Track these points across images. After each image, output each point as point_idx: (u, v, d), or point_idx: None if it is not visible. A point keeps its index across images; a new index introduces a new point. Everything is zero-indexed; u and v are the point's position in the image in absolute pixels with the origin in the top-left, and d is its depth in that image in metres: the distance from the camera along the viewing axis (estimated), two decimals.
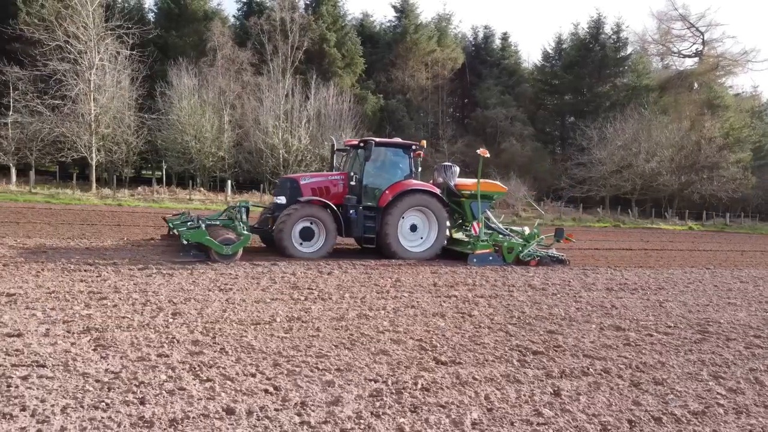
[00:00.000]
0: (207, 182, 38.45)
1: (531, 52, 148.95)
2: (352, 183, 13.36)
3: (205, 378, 5.01)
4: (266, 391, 4.79)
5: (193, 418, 4.20)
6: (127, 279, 9.06)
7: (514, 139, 48.77)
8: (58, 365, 5.10)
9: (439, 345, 6.45)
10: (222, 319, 6.97)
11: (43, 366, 5.06)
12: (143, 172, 47.13)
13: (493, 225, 14.71)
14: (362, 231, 13.27)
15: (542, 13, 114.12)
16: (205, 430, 4.04)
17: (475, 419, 4.47)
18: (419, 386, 5.09)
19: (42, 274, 8.96)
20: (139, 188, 33.60)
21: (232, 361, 5.51)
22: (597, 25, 53.94)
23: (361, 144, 13.80)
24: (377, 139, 14.03)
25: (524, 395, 5.07)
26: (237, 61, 38.75)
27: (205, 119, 35.72)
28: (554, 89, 56.25)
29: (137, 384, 4.77)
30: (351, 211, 13.09)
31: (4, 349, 5.41)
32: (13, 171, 31.96)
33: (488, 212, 14.71)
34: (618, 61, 53.75)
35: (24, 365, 5.05)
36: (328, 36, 45.37)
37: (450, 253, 14.06)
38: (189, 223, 12.25)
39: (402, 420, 4.38)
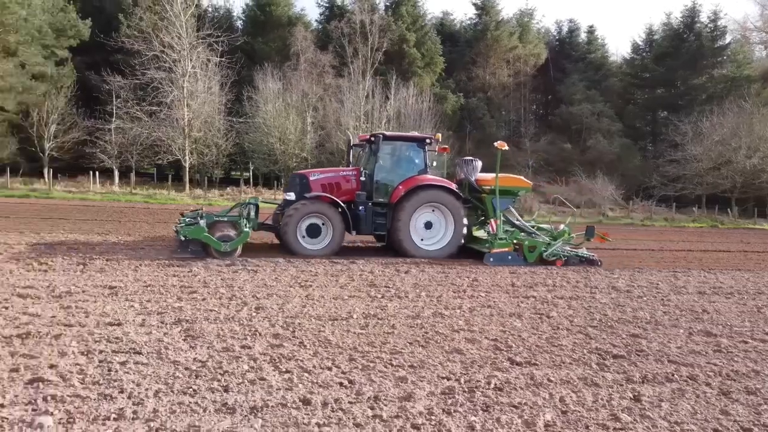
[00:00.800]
0: None
1: (619, 44, 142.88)
2: (362, 179, 13.03)
3: (284, 369, 5.23)
4: (341, 384, 4.95)
5: (272, 406, 4.42)
6: (216, 274, 9.57)
7: (601, 136, 46.93)
8: (152, 353, 5.49)
9: (514, 345, 6.39)
10: (301, 314, 7.23)
11: (139, 353, 5.47)
12: (232, 173, 49.28)
13: (517, 222, 13.84)
14: (372, 228, 12.92)
15: (631, 4, 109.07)
16: (282, 418, 4.24)
17: (548, 421, 4.41)
18: (492, 386, 5.08)
19: (140, 269, 9.63)
20: (228, 188, 35.25)
21: (309, 354, 5.72)
22: (692, 14, 50.82)
23: (372, 138, 13.50)
24: (387, 133, 13.70)
25: (602, 399, 4.93)
26: (319, 64, 39.72)
27: (288, 121, 36.88)
28: (645, 83, 53.55)
29: (222, 373, 5.06)
30: (360, 208, 12.75)
31: (106, 337, 5.89)
32: (116, 173, 34.43)
33: (511, 209, 13.93)
34: (715, 51, 50.39)
35: (123, 352, 5.49)
36: (408, 36, 45.57)
37: (469, 252, 13.42)
38: (187, 220, 12.15)
39: (473, 418, 4.39)
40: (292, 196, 12.73)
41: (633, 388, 5.24)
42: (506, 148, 13.09)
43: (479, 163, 14.20)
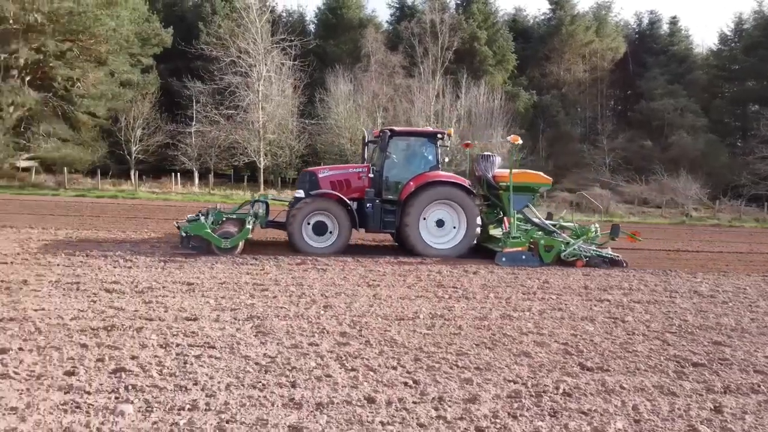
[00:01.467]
0: None
1: (704, 36, 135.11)
2: (370, 175, 12.80)
3: (350, 367, 5.30)
4: (406, 384, 4.96)
5: (337, 403, 4.49)
6: (286, 273, 9.82)
7: (685, 132, 44.56)
8: (225, 347, 5.71)
9: (585, 350, 6.18)
10: (368, 314, 7.30)
11: (213, 347, 5.70)
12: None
13: (536, 220, 13.20)
14: (380, 226, 12.64)
15: None
16: (347, 415, 4.30)
17: (619, 429, 4.25)
18: (561, 391, 4.94)
19: (215, 267, 10.03)
20: None
21: (375, 353, 5.76)
22: None
23: (381, 134, 13.28)
24: (396, 129, 13.39)
25: (678, 409, 4.69)
26: (389, 65, 39.98)
27: (359, 122, 37.30)
28: (733, 75, 50.38)
29: (290, 369, 5.19)
30: (368, 205, 12.52)
31: (183, 331, 6.18)
32: (196, 174, 36.02)
33: (530, 206, 13.29)
34: None
35: (198, 345, 5.73)
36: (479, 34, 45.07)
37: (484, 252, 12.94)
38: (189, 216, 12.30)
39: (540, 423, 4.29)
40: (301, 193, 12.61)
41: (714, 399, 4.95)
42: (520, 142, 12.75)
43: (498, 159, 13.68)
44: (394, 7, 51.46)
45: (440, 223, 12.61)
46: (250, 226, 11.66)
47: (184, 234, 11.28)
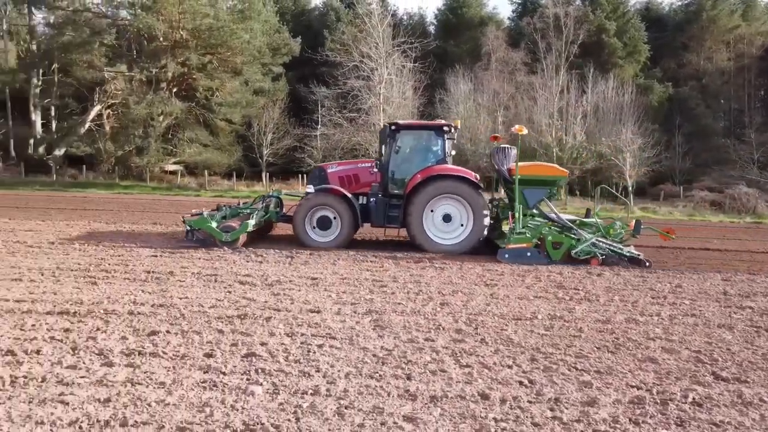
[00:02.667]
0: (482, 182, 39.72)
1: None
2: (375, 170, 12.64)
3: (464, 364, 5.35)
4: (521, 383, 4.92)
5: (451, 397, 4.56)
6: (405, 270, 10.03)
7: None
8: (345, 339, 5.99)
9: (720, 359, 5.74)
10: (485, 312, 7.29)
11: (334, 338, 6.00)
12: None
13: (551, 215, 12.31)
14: (384, 221, 12.43)
15: None
16: (460, 409, 4.36)
17: None
18: (690, 400, 4.65)
19: (337, 263, 10.47)
20: None
21: (490, 351, 5.76)
22: None
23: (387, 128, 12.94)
24: (401, 122, 13.03)
25: None
26: (510, 63, 39.23)
27: (479, 122, 36.98)
28: None
29: (406, 362, 5.35)
30: (371, 200, 12.41)
31: (307, 322, 6.56)
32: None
33: (546, 200, 12.41)
34: None
35: (320, 336, 6.07)
36: (607, 26, 42.82)
37: (494, 248, 12.00)
38: (192, 211, 12.55)
39: None
40: (311, 188, 12.73)
41: None
42: (525, 132, 12.04)
43: (514, 151, 12.80)
44: (515, 3, 50.40)
45: (447, 218, 12.24)
46: (253, 221, 11.92)
47: (188, 228, 11.76)
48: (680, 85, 44.67)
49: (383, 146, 13.21)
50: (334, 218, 12.32)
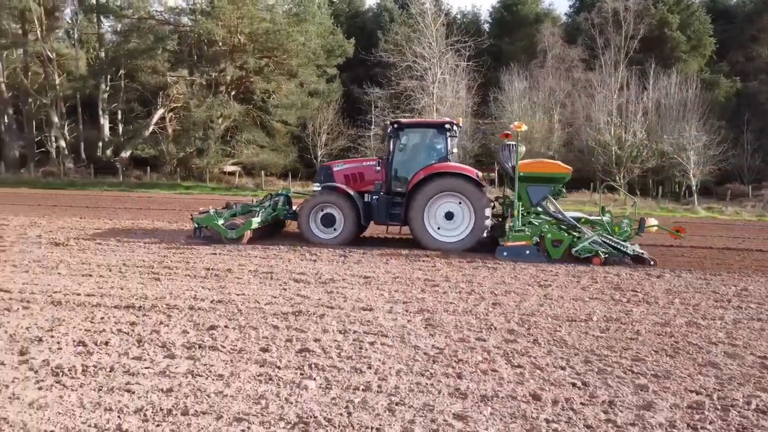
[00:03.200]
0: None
1: None
2: (378, 168, 12.74)
3: (516, 364, 5.32)
4: (574, 384, 4.86)
5: (502, 397, 4.55)
6: (457, 270, 10.02)
7: None
8: (396, 337, 6.05)
9: None
10: (538, 313, 7.20)
11: (386, 336, 6.08)
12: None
13: (555, 213, 12.05)
14: (386, 218, 12.51)
15: None
16: (511, 409, 4.35)
17: None
18: (753, 407, 4.47)
19: (390, 262, 10.56)
20: None
21: (543, 352, 5.70)
22: None
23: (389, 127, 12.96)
24: (403, 120, 13.08)
25: None
26: (567, 59, 38.42)
27: (534, 120, 36.37)
28: None
29: (456, 361, 5.36)
30: (374, 198, 12.47)
31: (360, 320, 6.67)
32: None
33: (550, 197, 12.18)
34: None
35: (372, 333, 6.16)
36: (670, 19, 41.30)
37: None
38: (200, 209, 12.82)
39: None
40: (317, 186, 12.96)
41: None
42: (525, 128, 11.84)
43: (522, 149, 12.45)
44: None
45: (449, 216, 12.22)
46: (258, 219, 12.26)
47: (196, 225, 12.34)
48: (749, 80, 42.56)
49: (390, 144, 13.27)
50: (338, 215, 12.55)
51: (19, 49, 41.36)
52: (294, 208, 13.73)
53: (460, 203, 12.17)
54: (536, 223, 11.96)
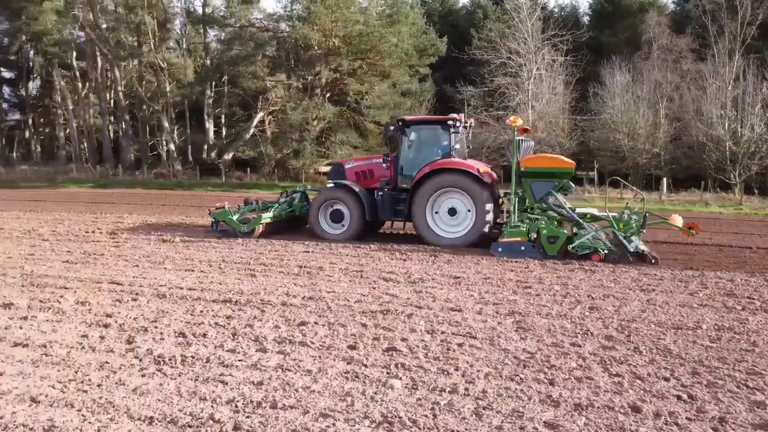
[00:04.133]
0: (639, 181, 36.98)
1: None
2: (384, 165, 13.00)
3: (614, 372, 5.00)
4: (679, 397, 4.49)
5: (598, 407, 4.29)
6: (551, 272, 9.63)
7: None
8: (486, 339, 5.89)
9: None
10: (639, 319, 6.75)
11: (474, 338, 5.93)
12: (577, 173, 48.44)
13: (559, 208, 11.54)
14: (391, 215, 12.75)
15: None
16: (607, 421, 4.08)
17: None
18: None
19: (481, 263, 10.34)
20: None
21: (644, 361, 5.32)
22: None
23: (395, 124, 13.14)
24: (407, 117, 13.27)
25: None
26: (674, 50, 36.03)
27: (638, 115, 34.44)
28: None
29: (549, 366, 5.12)
30: (379, 194, 12.67)
31: (448, 320, 6.55)
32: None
33: (554, 192, 11.72)
34: None
35: (460, 335, 6.03)
36: None
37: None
38: (216, 205, 13.62)
39: None
40: (331, 183, 13.29)
41: None
42: (520, 123, 11.78)
43: (528, 144, 12.54)
44: None
45: (453, 212, 12.25)
46: (270, 214, 12.90)
47: (213, 220, 13.00)
48: None
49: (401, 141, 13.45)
50: (346, 212, 12.87)
51: (134, 59, 44.69)
52: None
53: (462, 199, 12.20)
54: (531, 219, 11.79)
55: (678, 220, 11.35)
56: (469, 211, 12.12)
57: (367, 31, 35.88)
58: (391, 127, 13.42)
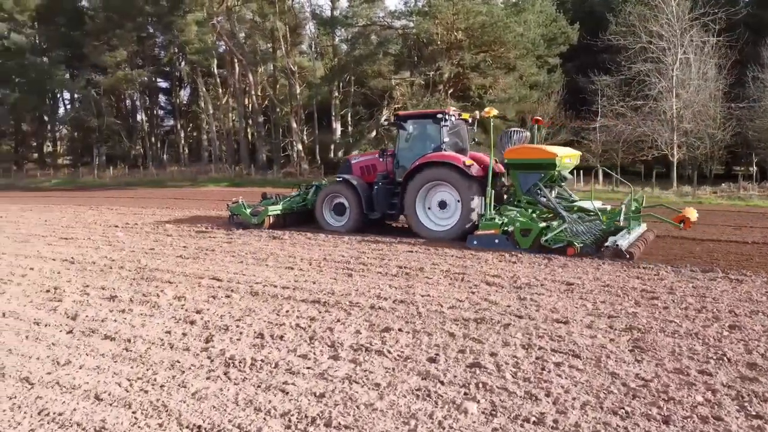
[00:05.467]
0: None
1: None
2: (381, 160, 13.41)
3: (753, 413, 3.97)
4: None
5: None
6: (686, 281, 8.30)
7: None
8: (591, 359, 5.02)
9: None
10: None
11: (577, 357, 5.08)
12: (734, 167, 43.40)
13: (543, 200, 11.52)
14: (385, 208, 12.91)
15: None
16: None
17: None
18: None
19: (601, 268, 9.18)
20: (723, 185, 31.03)
21: None
22: None
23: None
24: (401, 113, 13.68)
25: None
26: None
27: None
28: None
29: (665, 399, 4.19)
30: (375, 188, 12.95)
31: (549, 333, 5.73)
32: (600, 172, 34.82)
33: (540, 184, 11.59)
34: None
35: (561, 352, 5.20)
36: None
37: None
38: (233, 199, 14.81)
39: None
40: (339, 178, 13.63)
41: None
42: (496, 113, 11.90)
43: (521, 135, 12.59)
44: None
45: (443, 205, 12.33)
46: (279, 206, 13.89)
47: (230, 213, 14.20)
48: None
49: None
50: (347, 205, 13.33)
51: (268, 64, 47.06)
52: None
53: (451, 192, 12.19)
54: (507, 212, 11.59)
55: (692, 213, 10.72)
56: (456, 204, 12.20)
57: (490, 22, 34.66)
58: (385, 122, 14.07)
